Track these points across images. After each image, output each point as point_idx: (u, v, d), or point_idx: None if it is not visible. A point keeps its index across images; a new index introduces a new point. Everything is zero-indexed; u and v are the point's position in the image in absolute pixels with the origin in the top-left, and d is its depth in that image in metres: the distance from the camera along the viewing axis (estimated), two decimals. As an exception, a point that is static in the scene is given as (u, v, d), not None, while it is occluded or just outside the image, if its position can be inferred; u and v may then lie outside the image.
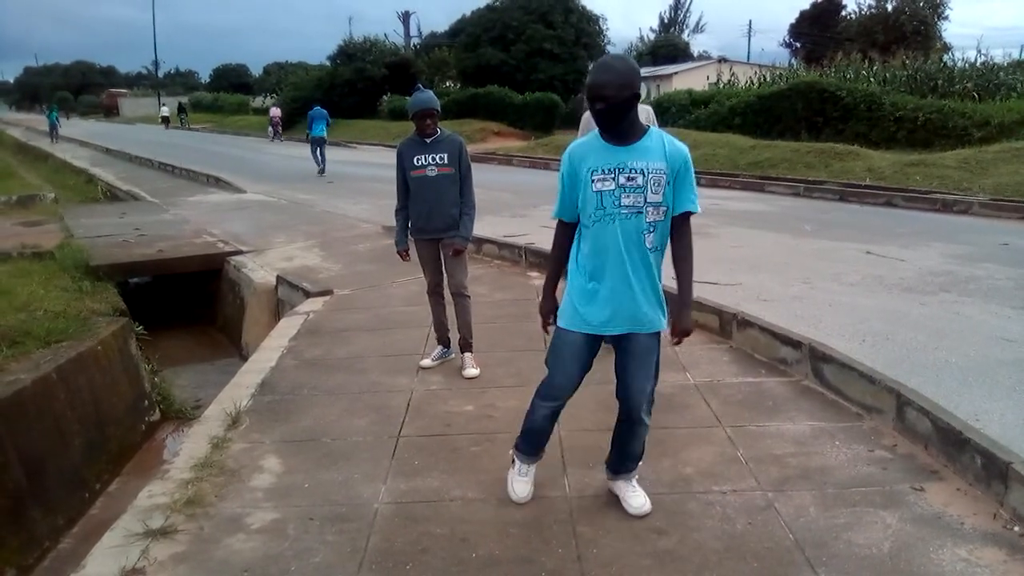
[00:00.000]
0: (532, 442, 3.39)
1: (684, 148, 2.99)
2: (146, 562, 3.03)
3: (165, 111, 50.58)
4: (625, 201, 2.91)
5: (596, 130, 2.99)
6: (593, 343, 3.13)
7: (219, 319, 9.52)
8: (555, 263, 3.23)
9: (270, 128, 34.61)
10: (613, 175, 2.90)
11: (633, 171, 2.89)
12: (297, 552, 3.09)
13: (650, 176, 2.88)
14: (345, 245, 9.77)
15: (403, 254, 5.15)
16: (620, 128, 2.90)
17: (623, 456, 3.33)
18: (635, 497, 3.32)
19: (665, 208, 2.95)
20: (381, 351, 5.63)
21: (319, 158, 19.24)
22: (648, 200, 2.90)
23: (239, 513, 3.40)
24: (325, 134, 19.65)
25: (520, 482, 3.43)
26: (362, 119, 36.30)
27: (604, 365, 3.19)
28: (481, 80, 34.07)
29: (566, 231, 3.14)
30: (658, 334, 3.12)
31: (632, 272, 2.98)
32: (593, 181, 2.92)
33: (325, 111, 20.19)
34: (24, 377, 5.26)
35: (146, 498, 3.53)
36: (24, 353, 5.69)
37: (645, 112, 5.72)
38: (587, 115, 5.44)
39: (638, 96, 2.88)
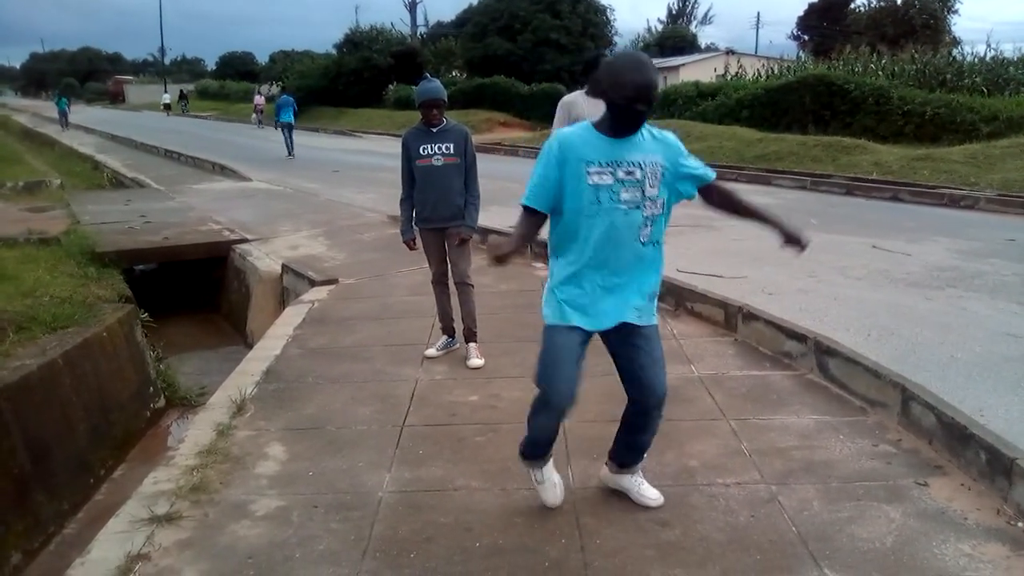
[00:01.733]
0: (539, 450, 3.24)
1: (671, 135, 2.98)
2: (151, 548, 3.04)
3: (166, 98, 52.30)
4: (624, 196, 2.84)
5: (587, 121, 2.93)
6: (586, 339, 3.02)
7: (224, 307, 9.54)
8: (520, 243, 3.01)
9: (254, 115, 35.52)
10: (611, 170, 2.82)
11: (631, 165, 2.82)
12: (301, 539, 3.10)
13: (647, 169, 2.84)
14: (350, 234, 9.78)
15: (410, 244, 5.14)
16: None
17: (634, 448, 3.24)
18: (649, 489, 3.28)
19: (662, 201, 2.91)
20: (386, 340, 5.64)
21: (288, 142, 20.67)
22: (646, 194, 2.85)
23: (244, 500, 3.41)
24: (292, 120, 21.18)
25: (545, 489, 3.28)
26: (368, 108, 36.24)
27: (607, 357, 3.17)
28: (487, 70, 33.99)
29: (535, 221, 2.98)
30: (655, 326, 3.07)
31: (625, 266, 2.93)
32: (589, 174, 2.82)
33: (292, 99, 22.20)
34: (30, 362, 5.28)
35: (151, 484, 3.54)
36: (30, 338, 5.71)
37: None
38: (566, 103, 5.34)
39: None
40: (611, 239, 2.88)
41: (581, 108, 5.03)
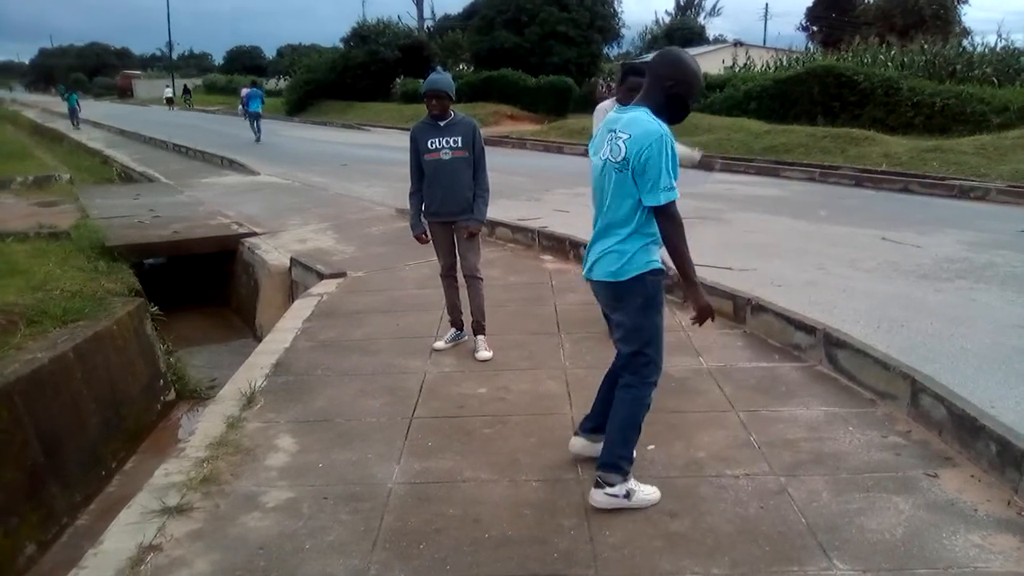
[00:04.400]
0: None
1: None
2: (163, 539, 3.07)
3: (168, 92, 53.36)
4: None
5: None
6: None
7: (233, 300, 9.57)
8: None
9: (240, 107, 35.26)
10: None
11: None
12: (311, 530, 3.12)
13: None
14: (359, 227, 9.79)
15: (420, 237, 5.14)
16: None
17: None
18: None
19: None
20: (394, 333, 5.65)
21: (255, 129, 23.14)
22: None
23: (254, 491, 3.43)
24: (260, 110, 23.81)
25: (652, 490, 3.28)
26: (375, 102, 36.16)
27: (610, 351, 3.17)
28: (495, 63, 33.83)
29: None
30: None
31: None
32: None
33: (261, 91, 25.32)
34: (42, 356, 5.32)
35: (162, 476, 3.57)
36: (41, 332, 5.76)
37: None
38: (597, 110, 5.31)
39: None
40: None
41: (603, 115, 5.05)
